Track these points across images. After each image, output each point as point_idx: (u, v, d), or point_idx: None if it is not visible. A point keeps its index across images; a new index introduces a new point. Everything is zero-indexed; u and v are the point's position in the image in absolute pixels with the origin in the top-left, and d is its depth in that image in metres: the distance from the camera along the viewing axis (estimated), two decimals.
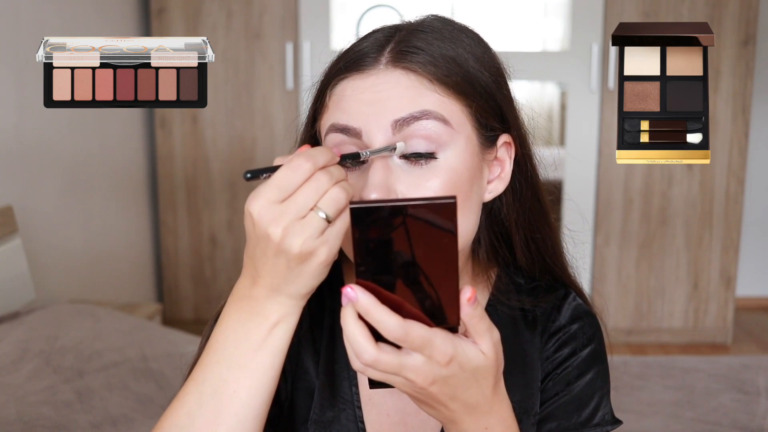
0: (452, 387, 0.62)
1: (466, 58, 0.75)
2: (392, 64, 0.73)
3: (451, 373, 0.61)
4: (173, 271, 3.31)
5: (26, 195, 2.35)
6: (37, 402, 1.52)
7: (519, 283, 0.89)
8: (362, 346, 0.59)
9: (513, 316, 0.87)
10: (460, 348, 0.61)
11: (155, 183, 3.29)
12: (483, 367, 0.62)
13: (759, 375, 1.94)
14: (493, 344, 0.63)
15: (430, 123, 0.71)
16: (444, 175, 0.72)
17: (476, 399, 0.64)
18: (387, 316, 0.58)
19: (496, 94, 0.77)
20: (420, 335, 0.58)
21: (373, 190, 0.70)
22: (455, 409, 0.64)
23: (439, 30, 0.76)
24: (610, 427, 0.85)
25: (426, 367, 0.60)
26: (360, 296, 0.58)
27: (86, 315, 1.96)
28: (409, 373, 0.59)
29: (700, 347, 3.26)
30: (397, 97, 0.72)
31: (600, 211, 3.21)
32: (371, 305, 0.58)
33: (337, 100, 0.74)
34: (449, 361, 0.60)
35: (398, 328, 0.58)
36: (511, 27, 3.61)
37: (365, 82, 0.73)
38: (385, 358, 0.59)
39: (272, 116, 3.18)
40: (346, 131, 0.73)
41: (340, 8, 3.29)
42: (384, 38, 0.75)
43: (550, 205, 0.87)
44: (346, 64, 0.75)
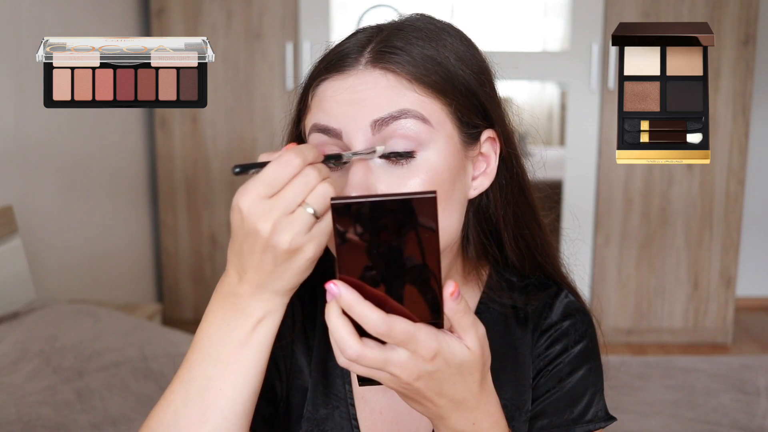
0: (438, 382, 0.62)
1: (446, 56, 0.75)
2: (371, 65, 0.73)
3: (436, 368, 0.61)
4: (173, 271, 3.31)
5: (26, 195, 2.35)
6: (37, 402, 1.52)
7: (511, 281, 0.89)
8: (346, 341, 0.59)
9: (505, 313, 0.88)
10: (444, 343, 0.61)
11: (155, 183, 3.29)
12: (468, 362, 0.62)
13: (759, 375, 1.94)
14: (478, 339, 0.63)
15: (409, 122, 0.71)
16: (424, 173, 0.72)
17: (463, 394, 0.64)
18: (370, 311, 0.58)
19: (477, 92, 0.77)
20: (403, 330, 0.58)
21: (353, 189, 0.70)
22: (442, 404, 0.64)
23: (420, 29, 0.76)
24: (603, 424, 0.85)
25: (411, 362, 0.60)
26: (343, 291, 0.58)
27: (86, 315, 1.96)
28: (394, 368, 0.60)
29: (700, 347, 3.26)
30: (376, 98, 0.72)
31: (600, 211, 3.21)
32: (354, 300, 0.58)
33: (318, 100, 0.75)
34: (434, 356, 0.60)
35: (381, 323, 0.58)
36: (511, 27, 3.61)
37: (345, 82, 0.73)
38: (369, 354, 0.59)
39: (272, 116, 3.18)
40: (326, 132, 0.73)
41: (340, 8, 3.29)
42: (365, 39, 0.76)
43: (539, 203, 0.87)
44: (327, 65, 0.75)
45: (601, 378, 0.88)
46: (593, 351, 0.87)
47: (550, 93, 4.90)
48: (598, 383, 0.87)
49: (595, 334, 0.89)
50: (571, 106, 3.17)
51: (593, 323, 0.89)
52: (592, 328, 0.89)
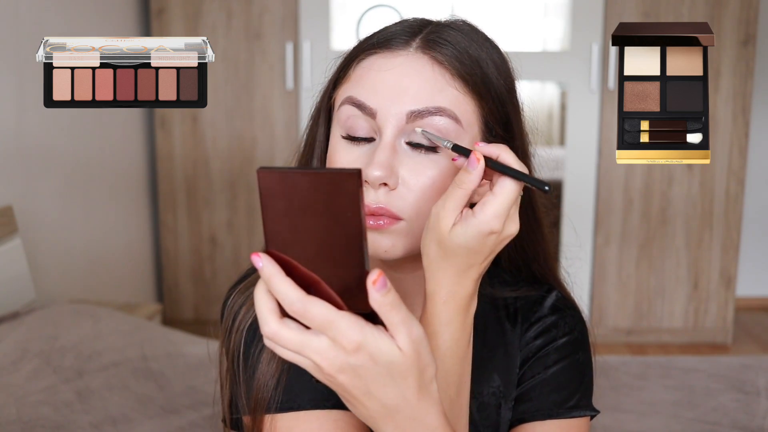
0: (364, 381, 0.58)
1: (487, 62, 0.78)
2: (421, 51, 0.76)
3: (359, 363, 0.56)
4: (173, 271, 3.31)
5: (26, 195, 2.35)
6: (37, 402, 1.52)
7: (504, 279, 0.92)
8: (265, 317, 0.57)
9: (496, 306, 0.90)
10: (370, 337, 0.56)
11: (155, 183, 3.29)
12: (399, 363, 0.57)
13: (759, 375, 1.94)
14: (412, 341, 0.57)
15: (442, 120, 0.74)
16: (443, 168, 0.75)
17: (395, 401, 0.59)
18: (287, 288, 0.55)
19: (507, 103, 0.80)
20: (321, 314, 0.55)
21: (376, 167, 0.72)
22: (372, 408, 0.60)
23: (467, 32, 0.79)
24: (586, 412, 0.86)
25: (331, 351, 0.56)
26: (265, 264, 0.56)
27: (86, 315, 1.96)
28: (313, 354, 0.56)
29: (700, 347, 3.26)
30: (417, 88, 0.74)
31: (600, 211, 3.21)
32: (273, 274, 0.56)
33: (361, 73, 0.77)
34: (356, 348, 0.56)
35: (297, 302, 0.55)
36: (511, 27, 3.61)
37: (392, 61, 0.76)
38: (287, 334, 0.56)
39: (272, 116, 3.18)
40: (361, 108, 0.75)
41: (340, 8, 3.29)
42: (417, 25, 0.79)
43: (545, 213, 0.89)
44: (377, 40, 0.78)
45: (589, 372, 0.89)
46: (582, 344, 0.89)
47: (550, 93, 4.90)
48: (585, 376, 0.88)
49: (585, 331, 0.90)
50: (571, 106, 3.17)
51: (584, 321, 0.91)
52: (582, 325, 0.90)
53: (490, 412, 0.87)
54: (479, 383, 0.85)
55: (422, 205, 0.75)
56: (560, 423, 0.85)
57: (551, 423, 0.85)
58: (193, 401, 1.68)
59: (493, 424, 0.87)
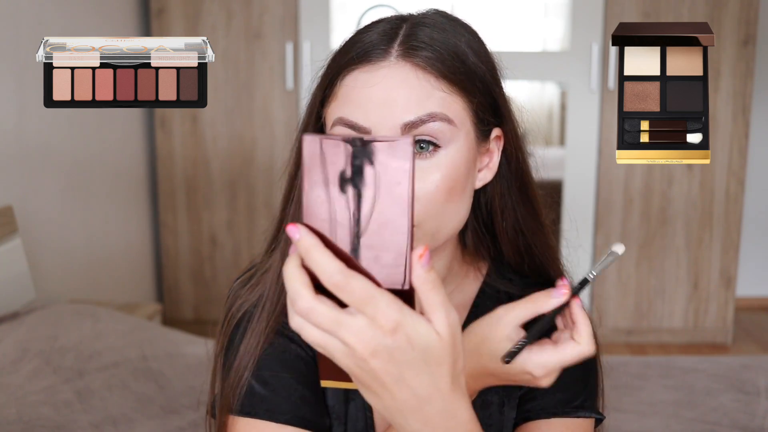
0: (398, 366, 0.53)
1: (466, 52, 0.78)
2: (402, 58, 0.75)
3: (396, 344, 0.52)
4: (173, 271, 3.31)
5: (26, 195, 2.35)
6: (37, 402, 1.52)
7: (510, 278, 0.93)
8: (299, 291, 0.52)
9: (500, 303, 0.89)
10: (409, 318, 0.52)
11: (155, 183, 3.29)
12: (435, 348, 0.53)
13: (759, 375, 1.94)
14: (449, 325, 0.54)
15: (436, 124, 0.75)
16: (445, 169, 0.75)
17: (428, 390, 0.55)
18: (328, 259, 0.51)
19: (492, 88, 0.80)
20: (362, 288, 0.51)
21: None
22: (401, 398, 0.54)
23: (441, 25, 0.79)
24: (592, 414, 0.86)
25: (368, 330, 0.51)
26: (303, 235, 0.51)
27: (86, 315, 1.96)
28: (348, 334, 0.51)
29: (700, 347, 3.26)
30: (406, 99, 0.74)
31: (600, 211, 3.20)
32: (313, 245, 0.51)
33: (346, 91, 0.77)
34: (394, 328, 0.51)
35: (337, 273, 0.51)
36: (511, 27, 3.61)
37: (375, 75, 0.75)
38: (322, 309, 0.51)
39: (272, 116, 3.18)
40: (354, 128, 0.75)
41: (340, 8, 3.29)
42: (391, 29, 0.78)
43: (542, 200, 0.90)
44: (355, 54, 0.77)
45: (594, 373, 0.89)
46: None
47: (550, 93, 4.90)
48: (591, 378, 0.88)
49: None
50: (571, 106, 3.17)
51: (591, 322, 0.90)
52: None
53: (493, 411, 0.87)
54: None
55: (430, 209, 0.76)
56: (565, 422, 0.85)
57: (556, 421, 0.85)
58: (193, 401, 1.69)
59: (496, 423, 0.87)
